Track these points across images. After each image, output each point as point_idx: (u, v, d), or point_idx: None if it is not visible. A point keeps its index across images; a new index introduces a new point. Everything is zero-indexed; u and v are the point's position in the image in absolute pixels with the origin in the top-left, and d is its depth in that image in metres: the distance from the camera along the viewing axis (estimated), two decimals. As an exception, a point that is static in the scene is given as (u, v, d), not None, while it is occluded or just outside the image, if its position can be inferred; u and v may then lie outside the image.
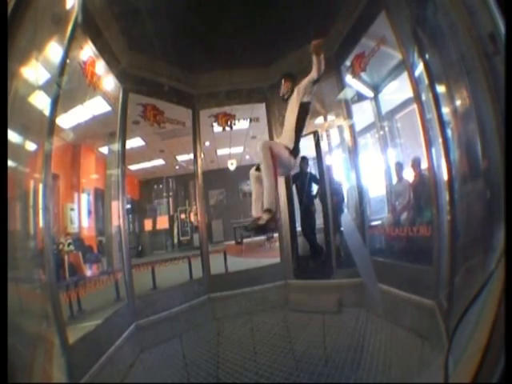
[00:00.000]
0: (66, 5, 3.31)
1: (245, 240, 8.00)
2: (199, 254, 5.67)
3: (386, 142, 4.70)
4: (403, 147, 4.53)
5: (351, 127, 5.07)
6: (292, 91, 3.33)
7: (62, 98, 3.25)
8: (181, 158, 7.55)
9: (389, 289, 3.94)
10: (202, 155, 6.00)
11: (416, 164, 4.01)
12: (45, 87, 3.09)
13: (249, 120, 6.23)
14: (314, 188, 5.97)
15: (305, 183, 5.90)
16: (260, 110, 6.00)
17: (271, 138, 5.98)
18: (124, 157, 4.77)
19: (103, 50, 4.20)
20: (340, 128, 5.55)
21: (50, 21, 3.07)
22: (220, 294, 5.38)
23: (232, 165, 7.64)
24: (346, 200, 5.46)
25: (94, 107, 4.49)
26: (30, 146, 3.02)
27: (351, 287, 4.70)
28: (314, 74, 3.09)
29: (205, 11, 3.48)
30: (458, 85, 2.47)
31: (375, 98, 4.90)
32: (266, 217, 2.94)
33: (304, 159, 6.04)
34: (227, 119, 6.04)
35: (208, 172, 7.11)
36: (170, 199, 7.73)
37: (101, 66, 4.27)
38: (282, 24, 3.80)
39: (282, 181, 5.93)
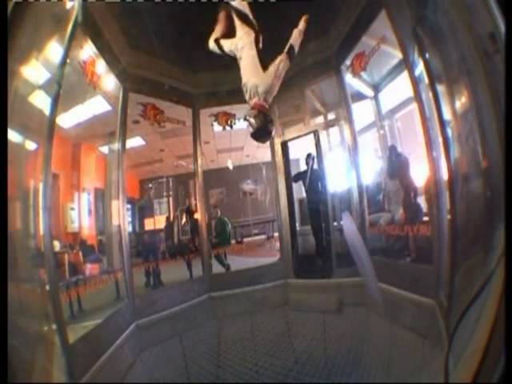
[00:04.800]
0: (66, 4, 3.31)
1: (245, 239, 8.00)
2: (200, 254, 5.68)
3: (386, 141, 4.70)
4: (403, 146, 4.53)
5: (351, 126, 5.07)
6: None
7: (62, 97, 3.25)
8: (181, 157, 7.54)
9: (389, 288, 3.95)
10: (202, 154, 6.01)
11: (418, 163, 4.01)
12: (45, 86, 3.09)
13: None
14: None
15: (313, 181, 5.90)
16: (260, 109, 5.97)
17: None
18: (124, 156, 4.78)
19: (103, 50, 4.20)
20: (340, 127, 5.55)
21: (50, 20, 3.07)
22: (220, 293, 5.38)
23: (231, 164, 7.65)
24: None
25: (94, 106, 4.49)
26: (30, 146, 3.02)
27: (351, 286, 4.70)
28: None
29: (205, 10, 3.47)
30: (458, 84, 2.47)
31: (375, 97, 4.89)
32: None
33: (310, 156, 6.03)
34: (227, 118, 6.04)
35: (208, 171, 7.11)
36: (171, 198, 7.72)
37: (101, 66, 4.27)
38: (282, 23, 3.79)
39: (282, 179, 5.95)
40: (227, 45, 3.13)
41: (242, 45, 2.97)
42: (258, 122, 2.70)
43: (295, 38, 3.00)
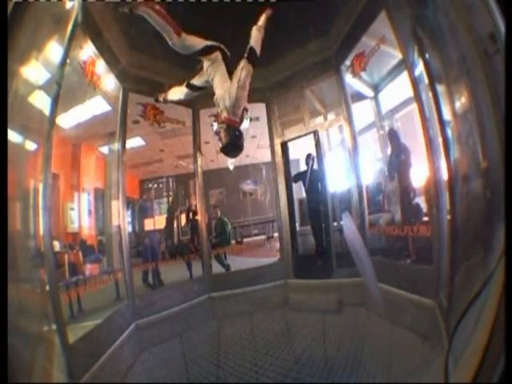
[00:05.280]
0: (66, 4, 3.31)
1: (245, 240, 8.02)
2: (200, 254, 5.68)
3: (386, 141, 4.70)
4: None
5: (351, 126, 5.07)
6: None
7: (62, 97, 3.25)
8: (181, 157, 7.54)
9: (389, 288, 3.95)
10: (202, 155, 6.00)
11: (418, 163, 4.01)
12: (45, 87, 3.09)
13: (249, 119, 6.22)
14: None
15: (313, 181, 5.90)
16: (260, 109, 5.99)
17: (271, 137, 5.99)
18: (124, 156, 4.79)
19: (103, 50, 4.19)
20: (340, 127, 5.55)
21: (50, 20, 3.07)
22: (220, 294, 5.39)
23: (232, 164, 7.65)
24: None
25: (94, 107, 4.48)
26: (30, 146, 3.02)
27: (351, 287, 4.70)
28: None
29: (204, 10, 3.47)
30: (457, 84, 2.47)
31: (375, 98, 4.90)
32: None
33: (309, 156, 6.03)
34: (227, 118, 6.02)
35: (208, 171, 7.12)
36: (170, 199, 7.73)
37: (101, 66, 4.27)
38: (282, 23, 3.81)
39: (282, 180, 5.95)
40: (201, 79, 3.12)
41: (214, 69, 2.91)
42: (227, 137, 2.69)
43: (255, 37, 2.87)
